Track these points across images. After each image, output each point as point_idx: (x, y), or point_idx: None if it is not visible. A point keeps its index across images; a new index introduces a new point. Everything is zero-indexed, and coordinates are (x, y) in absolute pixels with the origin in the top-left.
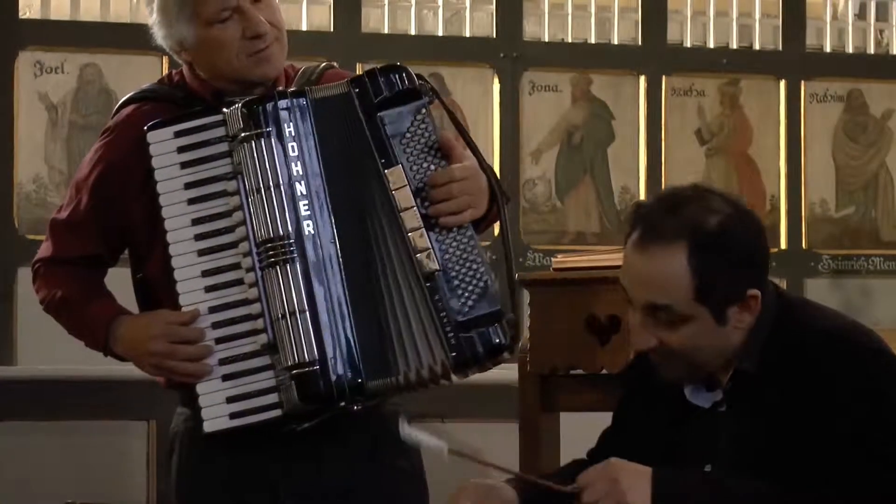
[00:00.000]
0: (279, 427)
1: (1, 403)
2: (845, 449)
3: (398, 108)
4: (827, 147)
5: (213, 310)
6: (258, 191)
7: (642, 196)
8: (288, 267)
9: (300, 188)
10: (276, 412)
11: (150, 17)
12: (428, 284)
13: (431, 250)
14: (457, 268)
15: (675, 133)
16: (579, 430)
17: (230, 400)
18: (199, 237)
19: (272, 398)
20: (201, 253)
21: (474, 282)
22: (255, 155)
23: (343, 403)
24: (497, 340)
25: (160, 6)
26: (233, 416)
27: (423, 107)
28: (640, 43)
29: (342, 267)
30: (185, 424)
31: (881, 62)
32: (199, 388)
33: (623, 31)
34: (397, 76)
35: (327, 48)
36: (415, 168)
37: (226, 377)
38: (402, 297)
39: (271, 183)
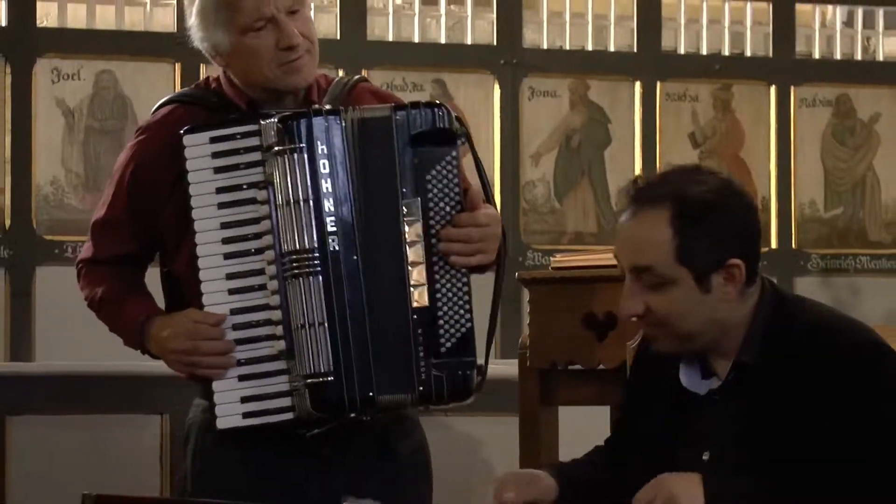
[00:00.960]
0: (289, 430)
1: (19, 398)
2: (842, 444)
3: (432, 144)
4: (816, 150)
5: (234, 312)
6: (287, 203)
7: None
8: (311, 279)
9: (328, 205)
10: (288, 415)
11: (189, 20)
12: (414, 317)
13: (425, 287)
14: (445, 308)
15: (670, 136)
16: (577, 424)
17: (245, 400)
18: (226, 241)
19: (285, 402)
20: (227, 256)
21: (457, 325)
22: (287, 169)
23: (353, 414)
24: (463, 386)
25: (199, 11)
26: (246, 415)
27: (455, 149)
28: (635, 50)
29: (363, 283)
30: (203, 415)
31: (868, 68)
32: (216, 385)
33: (619, 38)
34: (438, 114)
35: (334, 55)
36: (432, 205)
37: (242, 377)
38: (392, 323)
39: (301, 197)
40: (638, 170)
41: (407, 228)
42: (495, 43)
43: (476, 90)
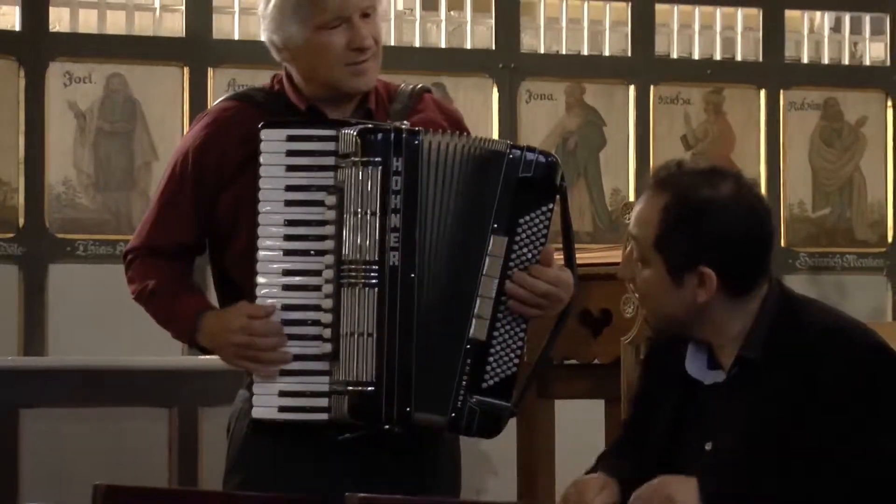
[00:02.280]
0: (321, 431)
1: (32, 391)
2: (840, 442)
3: (534, 191)
4: (804, 152)
5: (285, 308)
6: (355, 213)
7: (632, 198)
8: (367, 290)
9: (394, 221)
10: (323, 416)
11: (262, 9)
12: (468, 346)
13: (486, 322)
14: (498, 347)
15: (663, 139)
16: (573, 417)
17: (283, 394)
18: (288, 238)
19: (322, 402)
20: (287, 252)
21: (504, 367)
22: (360, 180)
23: (387, 426)
24: (493, 427)
25: (278, 3)
26: (282, 409)
27: (553, 203)
28: (629, 54)
29: (418, 301)
30: (243, 405)
31: (855, 72)
32: (257, 376)
33: (614, 43)
34: (550, 165)
35: None
36: (516, 248)
37: (284, 372)
38: (450, 344)
39: (369, 210)
40: (632, 171)
41: (487, 261)
42: (494, 47)
43: (475, 93)
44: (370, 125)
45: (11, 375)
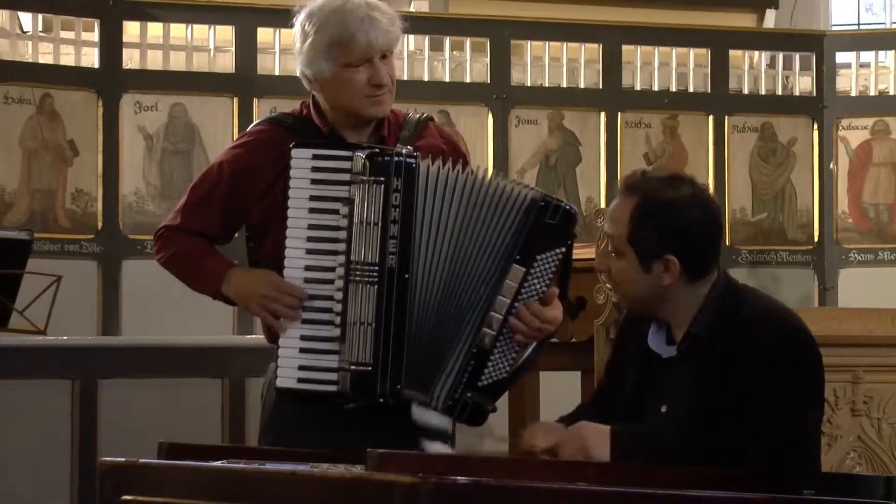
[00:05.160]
0: (330, 399)
1: (108, 365)
2: (748, 403)
3: (554, 234)
4: (745, 167)
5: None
6: (361, 223)
7: (603, 205)
8: (369, 287)
9: (393, 230)
10: (332, 388)
11: (297, 46)
12: (474, 350)
13: (493, 335)
14: (497, 356)
15: (628, 156)
16: (554, 385)
17: (301, 368)
18: (310, 239)
19: (332, 377)
20: (308, 252)
21: (498, 373)
22: (367, 195)
23: (382, 399)
24: (477, 419)
25: (313, 42)
26: (300, 380)
27: (565, 248)
28: (601, 87)
29: (410, 298)
30: (272, 376)
31: (787, 101)
32: (281, 351)
33: (588, 77)
34: (570, 216)
35: None
36: (529, 279)
37: (303, 350)
38: (458, 341)
39: (373, 220)
40: (603, 183)
41: (505, 285)
42: (489, 81)
43: (473, 119)
44: (377, 149)
45: (92, 352)
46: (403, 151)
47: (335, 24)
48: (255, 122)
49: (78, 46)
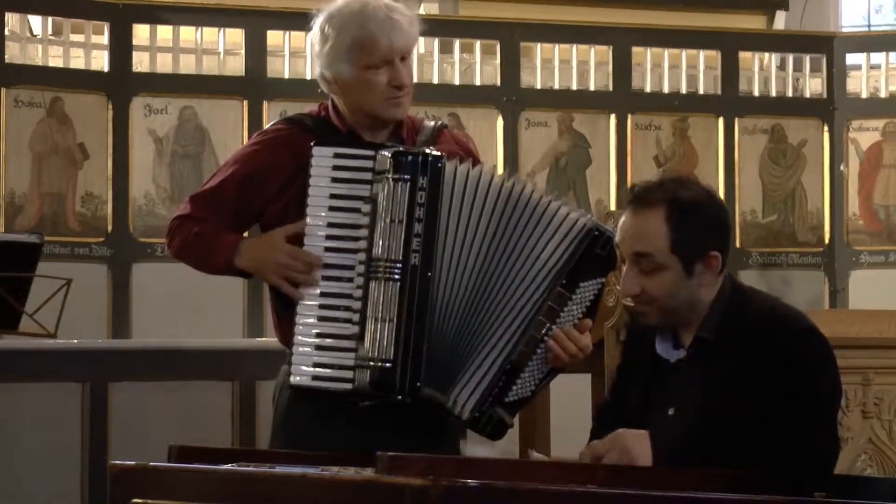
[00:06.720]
0: (344, 397)
1: (119, 368)
2: (763, 410)
3: (599, 264)
4: (755, 168)
5: (322, 294)
6: (385, 220)
7: (613, 207)
8: (390, 284)
9: (418, 228)
10: (347, 386)
11: (317, 49)
12: (508, 366)
13: (527, 352)
14: (527, 375)
15: (638, 158)
16: (564, 388)
17: (316, 365)
18: (329, 237)
19: (348, 374)
20: (327, 249)
21: (527, 390)
22: (391, 192)
23: (399, 397)
24: (499, 432)
25: (333, 45)
26: (314, 378)
27: (604, 278)
28: (611, 89)
29: (433, 296)
30: (285, 378)
31: (797, 103)
32: (296, 349)
33: (598, 79)
34: (616, 248)
35: None
36: (570, 304)
37: (318, 347)
38: (489, 352)
39: (397, 218)
40: (613, 185)
41: (547, 307)
42: (499, 84)
43: (483, 122)
44: (402, 148)
45: (103, 355)
46: (429, 151)
47: (356, 27)
48: (272, 122)
49: (88, 50)
